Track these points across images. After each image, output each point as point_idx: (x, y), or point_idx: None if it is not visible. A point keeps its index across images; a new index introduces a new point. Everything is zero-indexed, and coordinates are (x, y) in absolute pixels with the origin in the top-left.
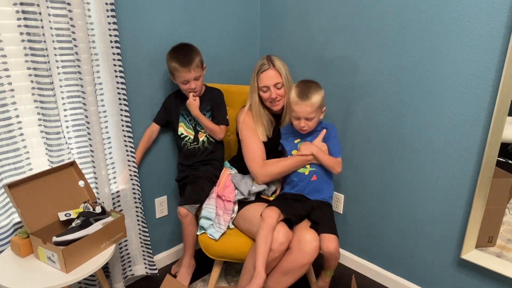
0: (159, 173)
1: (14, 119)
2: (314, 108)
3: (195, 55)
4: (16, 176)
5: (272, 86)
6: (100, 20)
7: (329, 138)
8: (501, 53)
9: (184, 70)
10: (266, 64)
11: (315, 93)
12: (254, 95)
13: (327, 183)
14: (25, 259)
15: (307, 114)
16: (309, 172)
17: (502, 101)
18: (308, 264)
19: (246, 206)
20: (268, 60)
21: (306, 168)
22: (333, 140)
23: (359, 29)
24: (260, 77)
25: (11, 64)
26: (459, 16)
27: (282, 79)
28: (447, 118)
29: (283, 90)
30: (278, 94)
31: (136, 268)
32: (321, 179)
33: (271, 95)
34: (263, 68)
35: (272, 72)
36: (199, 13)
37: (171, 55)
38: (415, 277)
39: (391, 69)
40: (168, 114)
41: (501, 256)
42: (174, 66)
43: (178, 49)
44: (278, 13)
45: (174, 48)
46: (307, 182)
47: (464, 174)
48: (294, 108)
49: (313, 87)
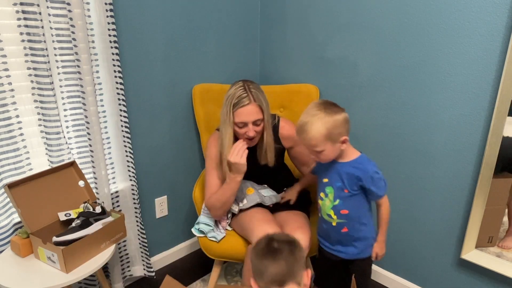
0: (159, 173)
1: (14, 119)
2: (315, 142)
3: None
4: (16, 176)
5: (251, 123)
6: (99, 20)
7: (367, 183)
8: (501, 53)
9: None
10: (245, 98)
11: (317, 124)
12: (227, 129)
13: (362, 230)
14: (25, 259)
15: (308, 147)
16: (337, 224)
17: (502, 101)
18: None
19: (242, 212)
20: (247, 91)
21: (332, 218)
22: (371, 182)
23: (359, 29)
24: (238, 112)
25: (11, 64)
26: (459, 16)
27: (264, 114)
28: (447, 118)
29: (261, 126)
30: (256, 130)
31: (135, 269)
32: (355, 229)
33: (247, 132)
34: (242, 102)
35: (252, 107)
36: (198, 13)
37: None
38: (415, 277)
39: (391, 69)
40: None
41: (501, 256)
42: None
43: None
44: (278, 13)
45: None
46: (337, 233)
47: (464, 174)
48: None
49: (315, 116)
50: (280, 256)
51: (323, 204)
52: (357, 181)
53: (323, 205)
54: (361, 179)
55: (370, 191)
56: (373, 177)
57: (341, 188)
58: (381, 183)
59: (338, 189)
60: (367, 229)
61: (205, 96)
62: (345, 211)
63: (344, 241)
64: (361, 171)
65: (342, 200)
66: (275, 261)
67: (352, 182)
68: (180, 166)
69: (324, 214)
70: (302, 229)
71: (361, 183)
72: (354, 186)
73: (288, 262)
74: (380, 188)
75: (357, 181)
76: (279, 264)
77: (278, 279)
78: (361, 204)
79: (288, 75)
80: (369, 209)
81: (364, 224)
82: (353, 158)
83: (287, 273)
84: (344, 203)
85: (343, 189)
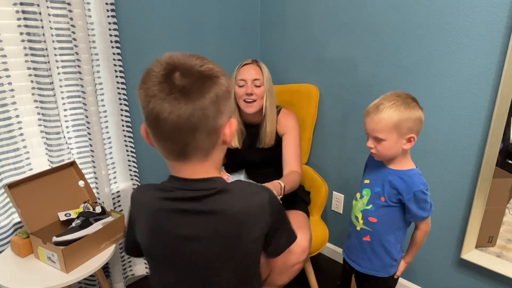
0: (160, 172)
1: (14, 119)
2: (382, 126)
3: None
4: (16, 176)
5: (250, 81)
6: (100, 20)
7: (407, 200)
8: (501, 53)
9: None
10: (248, 60)
11: (391, 109)
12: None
13: (385, 248)
14: (25, 259)
15: (371, 131)
16: (361, 230)
17: (502, 101)
18: (299, 264)
19: None
20: (253, 60)
21: (358, 221)
22: (412, 200)
23: (359, 29)
24: (240, 71)
25: (11, 64)
26: (459, 16)
27: (264, 78)
28: (447, 118)
29: (261, 90)
30: (254, 91)
31: (137, 268)
32: (377, 242)
33: (246, 90)
34: (245, 62)
35: (253, 67)
36: (199, 12)
37: None
38: (415, 277)
39: (391, 69)
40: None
41: (501, 256)
42: None
43: None
44: (278, 13)
45: None
46: (358, 239)
47: (464, 174)
48: (364, 120)
49: (393, 102)
50: (185, 102)
51: (355, 205)
52: (397, 194)
53: (354, 206)
54: (402, 192)
55: (408, 209)
56: (417, 195)
57: (378, 194)
58: (426, 205)
59: (375, 194)
60: (390, 249)
61: None
62: (373, 219)
63: (362, 251)
64: (405, 184)
65: (375, 207)
66: (175, 111)
67: (392, 192)
68: None
69: (352, 216)
70: (302, 228)
71: (400, 197)
72: (393, 198)
73: (195, 112)
74: (422, 210)
75: (397, 194)
76: (180, 114)
77: (176, 140)
78: (394, 220)
79: (288, 75)
80: (401, 229)
81: (388, 242)
82: (404, 169)
83: (191, 129)
84: (376, 210)
85: (380, 196)
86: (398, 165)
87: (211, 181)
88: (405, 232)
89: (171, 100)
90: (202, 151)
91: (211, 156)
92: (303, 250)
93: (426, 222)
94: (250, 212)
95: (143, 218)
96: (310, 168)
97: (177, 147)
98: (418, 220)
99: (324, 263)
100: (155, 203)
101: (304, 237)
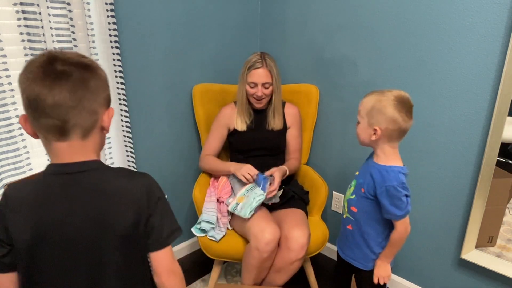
0: (159, 173)
1: (14, 119)
2: (361, 108)
3: None
4: (16, 176)
5: (260, 85)
6: (100, 20)
7: (380, 194)
8: (501, 53)
9: None
10: (259, 62)
11: (373, 97)
12: (241, 87)
13: (364, 240)
14: None
15: (358, 113)
16: (346, 218)
17: (502, 101)
18: (297, 261)
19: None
20: (261, 58)
21: (345, 209)
22: (384, 195)
23: (359, 29)
24: (251, 73)
25: (11, 64)
26: (459, 16)
27: (272, 79)
28: (447, 118)
29: (270, 89)
30: (264, 93)
31: None
32: (358, 231)
33: (256, 93)
34: (256, 65)
35: (263, 71)
36: (199, 12)
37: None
38: (415, 277)
39: (391, 69)
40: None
41: (501, 256)
42: None
43: None
44: (278, 13)
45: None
46: (344, 227)
47: (464, 174)
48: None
49: (383, 93)
50: (65, 83)
51: (346, 194)
52: (373, 187)
53: (345, 195)
54: (376, 185)
55: (381, 204)
56: (389, 191)
57: (360, 185)
58: (400, 203)
59: (358, 185)
60: (370, 241)
61: (205, 96)
62: (354, 208)
63: (345, 239)
64: (381, 178)
65: (356, 197)
66: (55, 88)
67: (370, 185)
68: (180, 166)
69: (344, 203)
70: (300, 225)
71: (375, 190)
72: (371, 190)
73: (75, 92)
74: (395, 207)
75: (373, 187)
76: (60, 91)
77: (56, 116)
78: (372, 213)
79: (288, 75)
80: (380, 224)
81: (367, 233)
82: (387, 164)
83: (71, 107)
84: (357, 200)
85: (361, 187)
86: (383, 160)
87: (90, 162)
88: (386, 227)
89: (52, 80)
90: (81, 129)
91: (90, 137)
92: (302, 246)
93: (403, 222)
94: (125, 192)
95: (23, 214)
96: (310, 168)
97: (58, 123)
98: (393, 218)
99: (324, 263)
100: (38, 194)
101: (302, 234)
